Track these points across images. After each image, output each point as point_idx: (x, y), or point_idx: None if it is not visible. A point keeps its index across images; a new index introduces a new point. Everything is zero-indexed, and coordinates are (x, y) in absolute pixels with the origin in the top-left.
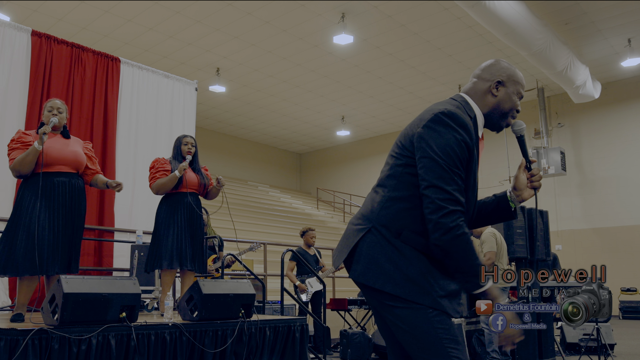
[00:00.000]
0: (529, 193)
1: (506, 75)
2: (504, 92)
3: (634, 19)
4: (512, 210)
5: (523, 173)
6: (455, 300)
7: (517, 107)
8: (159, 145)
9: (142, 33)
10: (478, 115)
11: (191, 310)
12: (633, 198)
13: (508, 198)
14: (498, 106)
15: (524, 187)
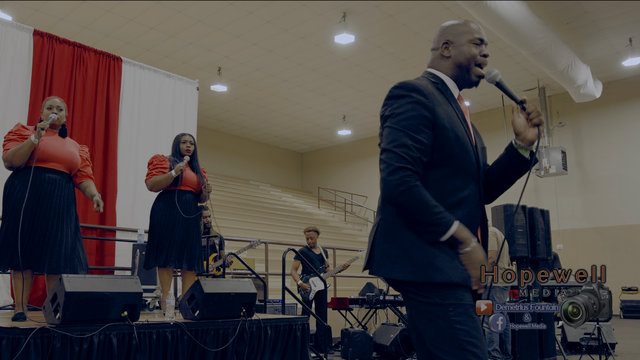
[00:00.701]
0: (532, 133)
1: (450, 34)
2: (454, 49)
3: (635, 19)
4: (527, 158)
5: (519, 115)
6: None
7: (477, 55)
8: (161, 145)
9: (143, 32)
10: (444, 80)
11: (193, 309)
12: (634, 197)
13: (515, 146)
14: (456, 64)
15: (525, 128)
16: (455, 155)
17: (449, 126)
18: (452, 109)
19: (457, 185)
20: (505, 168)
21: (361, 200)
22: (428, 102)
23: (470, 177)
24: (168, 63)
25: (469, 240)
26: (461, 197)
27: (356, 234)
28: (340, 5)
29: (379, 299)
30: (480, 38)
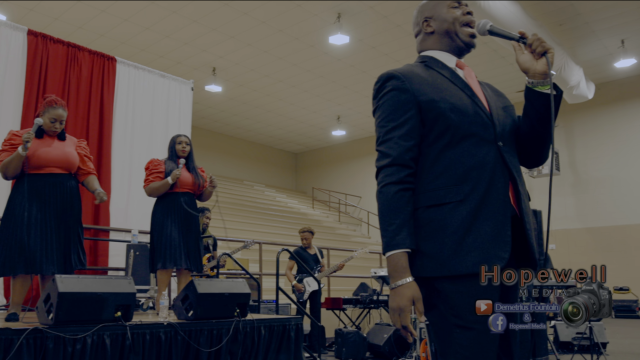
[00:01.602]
0: (541, 63)
1: (427, 10)
2: (434, 21)
3: (627, 20)
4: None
5: (522, 53)
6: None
7: (460, 15)
8: (155, 145)
9: (138, 33)
10: (433, 55)
11: (186, 310)
12: (626, 198)
13: (530, 87)
14: (441, 34)
15: (532, 62)
16: (454, 124)
17: (439, 97)
18: (444, 80)
19: (462, 154)
20: (532, 115)
21: (355, 200)
22: (404, 84)
23: (481, 140)
24: (163, 63)
25: (394, 278)
26: (469, 166)
27: (350, 234)
28: (335, 6)
29: (372, 298)
30: (456, 0)
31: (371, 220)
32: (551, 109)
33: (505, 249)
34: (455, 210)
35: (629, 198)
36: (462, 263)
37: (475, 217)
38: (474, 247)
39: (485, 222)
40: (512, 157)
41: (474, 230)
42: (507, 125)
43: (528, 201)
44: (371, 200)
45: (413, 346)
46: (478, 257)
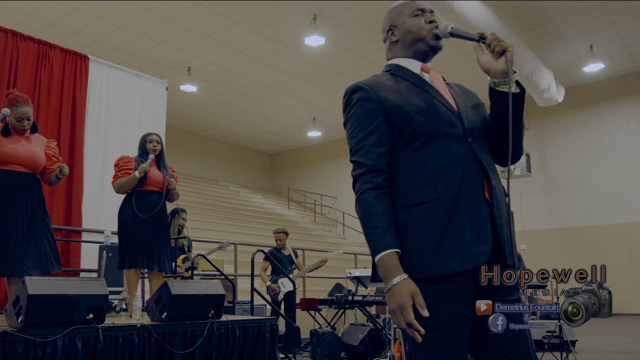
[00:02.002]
0: (501, 62)
1: (391, 19)
2: (399, 30)
3: (596, 26)
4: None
5: (483, 53)
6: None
7: (423, 23)
8: (129, 145)
9: (112, 31)
10: (398, 63)
11: (160, 311)
12: (595, 199)
13: (492, 87)
14: (406, 42)
15: (492, 62)
16: (421, 125)
17: (404, 102)
18: (409, 84)
19: (433, 153)
20: (497, 114)
21: (331, 201)
22: (369, 94)
23: (450, 138)
24: (137, 62)
25: (388, 278)
26: (441, 165)
27: (326, 235)
28: (311, 7)
29: (347, 299)
30: (419, 8)
31: (347, 221)
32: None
33: (487, 243)
34: (432, 210)
35: (598, 199)
36: (442, 264)
37: (452, 215)
38: (454, 246)
39: (464, 218)
40: (484, 152)
41: (452, 229)
42: (477, 122)
43: (504, 197)
44: (346, 201)
45: (387, 346)
46: (459, 256)
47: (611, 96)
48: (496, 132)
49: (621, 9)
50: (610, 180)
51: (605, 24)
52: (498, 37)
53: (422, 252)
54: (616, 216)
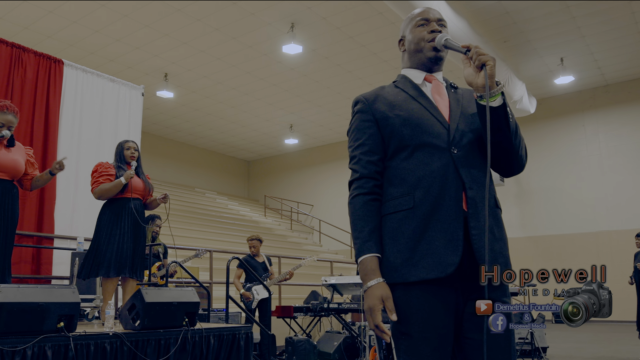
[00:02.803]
0: (480, 77)
1: (401, 30)
2: (406, 41)
3: (566, 40)
4: (490, 106)
5: (468, 66)
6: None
7: (424, 34)
8: (103, 151)
9: (87, 35)
10: (405, 73)
11: (133, 319)
12: (565, 208)
13: (477, 100)
14: (411, 52)
15: (474, 76)
16: (407, 137)
17: (393, 114)
18: (405, 96)
19: (416, 164)
20: (482, 126)
21: (307, 209)
22: (365, 106)
23: (434, 149)
24: (113, 67)
25: (365, 280)
26: (421, 175)
27: (302, 242)
28: (288, 15)
29: (323, 307)
30: (423, 18)
31: (323, 229)
32: (487, 120)
33: (456, 253)
34: (408, 218)
35: (568, 208)
36: (412, 271)
37: (427, 224)
38: (425, 254)
39: (437, 229)
40: (469, 162)
41: (426, 237)
42: (471, 132)
43: (494, 207)
44: (323, 209)
45: (363, 353)
46: (428, 264)
47: (581, 108)
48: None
49: (590, 24)
50: (580, 189)
51: (575, 38)
52: (479, 50)
53: (397, 257)
54: (586, 225)
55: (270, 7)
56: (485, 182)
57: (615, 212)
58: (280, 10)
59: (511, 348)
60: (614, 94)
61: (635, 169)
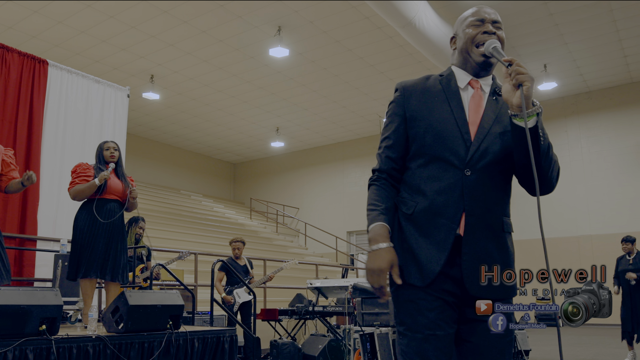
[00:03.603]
0: (516, 96)
1: (455, 27)
2: (458, 39)
3: (549, 46)
4: (520, 126)
5: (508, 82)
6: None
7: (475, 35)
8: (87, 152)
9: (73, 36)
10: (454, 71)
11: (117, 322)
12: (547, 212)
13: (511, 117)
14: (459, 52)
15: (511, 93)
16: (428, 145)
17: (422, 117)
18: (441, 98)
19: (431, 174)
20: (516, 144)
21: (293, 212)
22: (400, 98)
23: (449, 165)
24: (98, 68)
25: (375, 241)
26: (428, 188)
27: (287, 245)
28: (275, 19)
29: (308, 309)
30: (478, 19)
31: (308, 232)
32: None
33: (429, 276)
34: (409, 222)
35: (550, 212)
36: (401, 273)
37: (421, 233)
38: (410, 261)
39: (428, 242)
40: (480, 186)
41: (413, 247)
42: (493, 152)
43: (500, 231)
44: (309, 212)
45: (347, 356)
46: (413, 271)
47: (563, 114)
48: (518, 162)
49: (573, 32)
50: (563, 194)
51: (558, 45)
52: (519, 68)
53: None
54: (568, 229)
55: (257, 10)
56: (492, 207)
57: (596, 217)
58: (267, 13)
59: (509, 352)
60: (596, 100)
61: (616, 174)
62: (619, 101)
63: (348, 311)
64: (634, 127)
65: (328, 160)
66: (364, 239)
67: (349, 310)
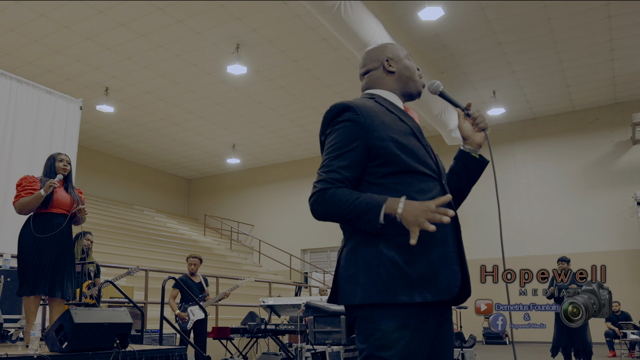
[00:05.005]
0: (479, 136)
1: (387, 52)
2: (396, 64)
3: (498, 74)
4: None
5: (465, 121)
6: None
7: (416, 67)
8: (36, 164)
9: (25, 45)
10: (383, 95)
11: (60, 341)
12: (494, 233)
13: (466, 151)
14: (400, 77)
15: (472, 132)
16: (403, 162)
17: (388, 136)
18: (394, 117)
19: (418, 188)
20: (462, 174)
21: (247, 229)
22: (358, 117)
23: (430, 178)
24: (50, 79)
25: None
26: (430, 198)
27: (241, 262)
28: (234, 36)
29: (260, 328)
30: (409, 54)
31: (263, 249)
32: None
33: (452, 275)
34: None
35: (497, 233)
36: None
37: (422, 249)
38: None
39: (434, 253)
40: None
41: (422, 260)
42: (442, 167)
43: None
44: (263, 229)
45: None
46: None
47: (511, 138)
48: (455, 186)
49: (520, 61)
50: (508, 216)
51: (506, 73)
52: (482, 114)
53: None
54: (514, 249)
55: (216, 27)
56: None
57: (540, 238)
58: (226, 31)
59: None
60: (541, 126)
61: (559, 197)
62: (562, 128)
63: (300, 329)
64: (576, 154)
65: (284, 178)
66: (318, 257)
67: (301, 328)
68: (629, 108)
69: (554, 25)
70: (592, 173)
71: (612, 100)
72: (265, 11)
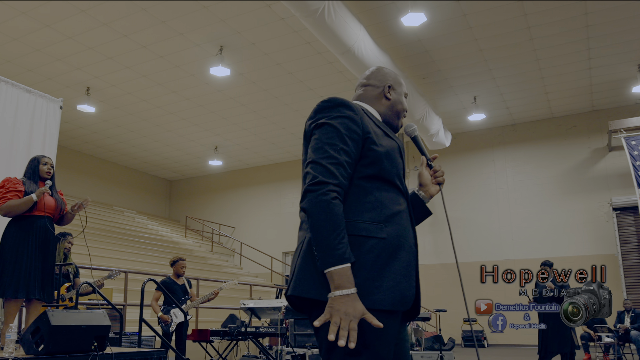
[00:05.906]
0: (434, 189)
1: (393, 80)
2: (395, 94)
3: (479, 80)
4: (428, 210)
5: (426, 170)
6: None
7: (406, 107)
8: (14, 164)
9: (5, 43)
10: (372, 112)
11: (37, 344)
12: (474, 237)
13: (418, 195)
14: (392, 107)
15: (429, 182)
16: (387, 170)
17: (378, 142)
18: (382, 131)
19: (390, 199)
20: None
21: (229, 231)
22: (356, 117)
23: (400, 192)
24: (30, 78)
25: (347, 285)
26: (394, 212)
27: (222, 265)
28: (217, 38)
29: (240, 330)
30: (406, 93)
31: (244, 252)
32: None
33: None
34: (377, 247)
35: (477, 237)
36: (381, 299)
37: (391, 257)
38: (390, 285)
39: (400, 263)
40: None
41: (389, 269)
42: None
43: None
44: (244, 231)
45: None
46: (392, 295)
47: (491, 144)
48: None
49: (500, 67)
50: (489, 220)
51: (487, 79)
52: (442, 170)
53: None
54: (493, 254)
55: (199, 29)
56: None
57: (520, 242)
58: (210, 32)
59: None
60: (520, 132)
61: (538, 202)
62: (541, 134)
63: (281, 332)
64: (554, 160)
65: (265, 180)
66: None
67: (281, 331)
68: (606, 115)
69: (534, 34)
70: (570, 179)
71: (590, 108)
72: (249, 13)
